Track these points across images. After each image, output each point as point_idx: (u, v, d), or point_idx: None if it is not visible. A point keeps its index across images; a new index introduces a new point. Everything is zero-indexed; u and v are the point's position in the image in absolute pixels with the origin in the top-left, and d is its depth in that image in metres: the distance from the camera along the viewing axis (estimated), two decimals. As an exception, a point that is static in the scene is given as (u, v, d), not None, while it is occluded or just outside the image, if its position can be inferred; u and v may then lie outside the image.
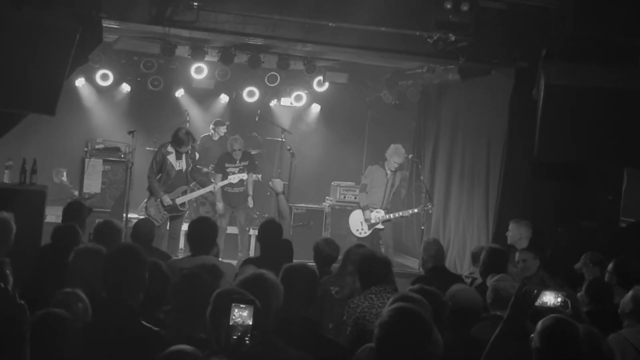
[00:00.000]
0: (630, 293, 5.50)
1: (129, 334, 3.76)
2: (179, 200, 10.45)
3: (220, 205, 11.46)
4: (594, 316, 5.61)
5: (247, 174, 11.56)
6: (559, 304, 4.32)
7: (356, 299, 5.42)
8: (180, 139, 10.31)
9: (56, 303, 4.12)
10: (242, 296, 3.54)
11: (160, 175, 10.43)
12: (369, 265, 5.65)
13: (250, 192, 11.82)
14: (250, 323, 3.42)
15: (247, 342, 3.41)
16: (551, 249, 8.53)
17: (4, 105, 7.95)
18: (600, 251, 7.54)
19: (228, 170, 11.53)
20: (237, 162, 11.59)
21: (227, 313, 3.45)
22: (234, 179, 11.22)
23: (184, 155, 10.48)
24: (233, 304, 3.44)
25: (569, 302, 4.37)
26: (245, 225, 11.92)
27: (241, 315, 3.44)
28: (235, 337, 3.41)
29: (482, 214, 11.46)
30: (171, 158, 10.39)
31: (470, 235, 11.80)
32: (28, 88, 7.78)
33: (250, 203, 11.87)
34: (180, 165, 10.47)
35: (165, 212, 10.40)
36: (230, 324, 3.42)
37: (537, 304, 4.23)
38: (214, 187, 11.06)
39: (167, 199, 10.31)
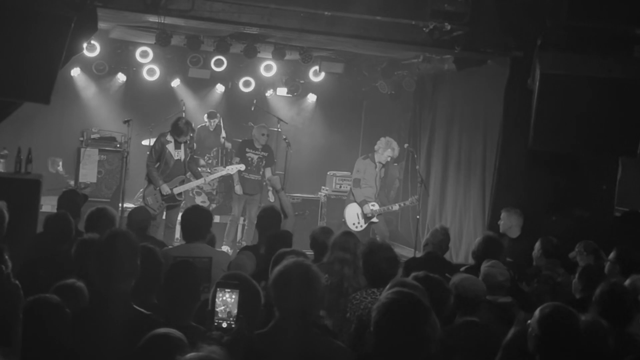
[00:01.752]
0: (627, 281, 5.55)
1: (122, 318, 3.77)
2: (176, 190, 10.48)
3: (238, 188, 11.66)
4: (588, 302, 5.63)
5: (265, 166, 11.82)
6: None
7: (358, 294, 5.39)
8: (180, 129, 10.36)
9: (53, 293, 4.14)
10: (227, 280, 3.53)
11: (158, 164, 10.45)
12: (375, 262, 5.53)
13: (269, 187, 11.92)
14: (236, 308, 3.42)
15: (233, 326, 3.41)
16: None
17: (-2, 94, 7.94)
18: (594, 240, 7.58)
19: (248, 155, 11.73)
20: (259, 150, 11.74)
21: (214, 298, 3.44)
22: (231, 169, 11.33)
23: (182, 145, 10.51)
24: (218, 289, 3.44)
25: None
26: (254, 218, 11.94)
27: (226, 300, 3.43)
28: (219, 322, 3.41)
29: (478, 203, 11.47)
30: (170, 147, 10.43)
31: (467, 224, 11.82)
32: (23, 77, 7.77)
33: (272, 198, 11.95)
34: (178, 154, 10.50)
35: (163, 202, 10.42)
36: (216, 309, 3.42)
37: None
38: (205, 180, 11.13)
39: (166, 188, 10.33)
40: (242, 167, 11.50)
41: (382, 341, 3.38)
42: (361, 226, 11.40)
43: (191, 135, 10.69)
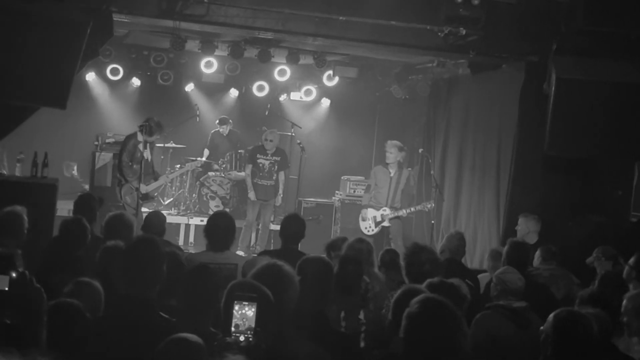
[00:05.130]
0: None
1: (147, 325, 3.77)
2: (148, 189, 10.62)
3: (251, 194, 11.79)
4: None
5: (278, 170, 11.91)
6: None
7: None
8: (152, 128, 10.46)
9: (69, 292, 4.15)
10: (245, 293, 3.50)
11: (131, 164, 10.51)
12: (418, 264, 5.56)
13: (281, 192, 11.96)
14: (254, 321, 3.39)
15: (250, 339, 3.38)
16: (561, 243, 8.51)
17: (15, 99, 7.98)
18: (610, 246, 7.53)
19: (258, 161, 11.82)
20: (269, 155, 11.77)
21: (231, 309, 3.42)
22: (190, 166, 11.82)
23: (148, 145, 10.62)
24: (235, 301, 3.41)
25: None
26: (269, 222, 11.98)
27: (244, 312, 3.40)
28: (237, 335, 3.38)
29: (492, 208, 11.43)
30: (141, 147, 10.53)
31: (481, 229, 11.78)
32: (39, 81, 7.81)
33: (278, 201, 11.99)
34: (147, 154, 10.61)
35: (140, 200, 10.49)
36: (233, 321, 3.39)
37: None
38: (167, 177, 11.35)
39: (145, 187, 10.50)
40: (199, 163, 12.02)
41: (413, 348, 3.35)
42: (373, 230, 11.38)
43: (159, 136, 10.80)
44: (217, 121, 13.54)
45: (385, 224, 11.39)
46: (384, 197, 11.47)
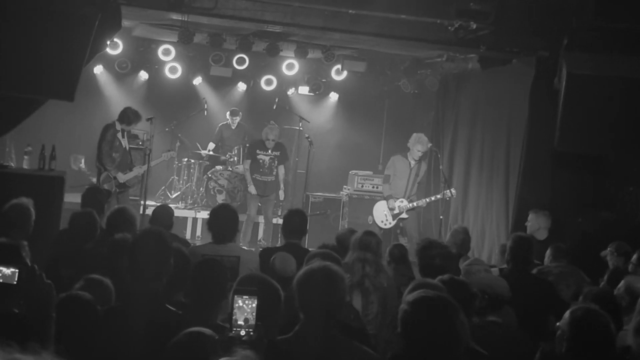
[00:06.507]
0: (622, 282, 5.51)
1: (154, 317, 3.75)
2: (125, 177, 10.64)
3: (251, 188, 11.78)
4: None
5: (278, 165, 11.88)
6: None
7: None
8: (130, 117, 10.55)
9: (79, 289, 4.13)
10: (245, 287, 3.46)
11: (111, 152, 10.53)
12: (429, 258, 5.54)
13: (282, 185, 11.93)
14: (254, 315, 3.36)
15: (251, 334, 3.35)
16: (570, 239, 8.46)
17: (23, 91, 7.97)
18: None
19: (258, 157, 11.79)
20: (269, 150, 11.76)
21: (234, 303, 3.39)
22: (165, 156, 11.67)
23: (125, 134, 10.67)
24: (236, 296, 3.37)
25: None
26: (272, 217, 11.97)
27: (245, 307, 3.37)
28: (237, 329, 3.34)
29: (501, 203, 11.38)
30: (119, 136, 10.57)
31: (489, 225, 11.73)
32: (47, 74, 7.80)
33: (281, 195, 11.99)
34: (124, 143, 10.66)
35: (117, 188, 10.57)
36: (233, 316, 3.36)
37: None
38: (141, 168, 11.25)
39: (122, 177, 10.54)
40: (174, 153, 12.07)
41: (412, 342, 3.32)
42: (390, 223, 11.30)
43: (136, 125, 10.90)
44: (229, 112, 13.52)
45: (403, 215, 11.30)
46: (402, 189, 11.31)
